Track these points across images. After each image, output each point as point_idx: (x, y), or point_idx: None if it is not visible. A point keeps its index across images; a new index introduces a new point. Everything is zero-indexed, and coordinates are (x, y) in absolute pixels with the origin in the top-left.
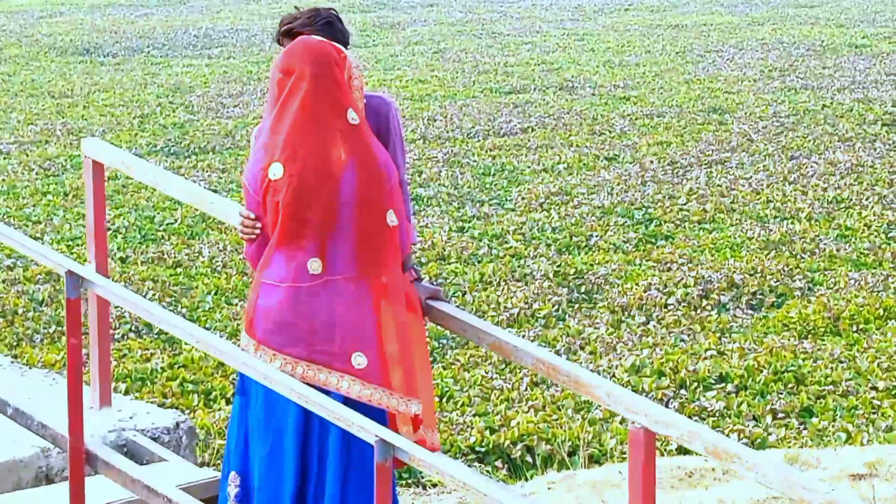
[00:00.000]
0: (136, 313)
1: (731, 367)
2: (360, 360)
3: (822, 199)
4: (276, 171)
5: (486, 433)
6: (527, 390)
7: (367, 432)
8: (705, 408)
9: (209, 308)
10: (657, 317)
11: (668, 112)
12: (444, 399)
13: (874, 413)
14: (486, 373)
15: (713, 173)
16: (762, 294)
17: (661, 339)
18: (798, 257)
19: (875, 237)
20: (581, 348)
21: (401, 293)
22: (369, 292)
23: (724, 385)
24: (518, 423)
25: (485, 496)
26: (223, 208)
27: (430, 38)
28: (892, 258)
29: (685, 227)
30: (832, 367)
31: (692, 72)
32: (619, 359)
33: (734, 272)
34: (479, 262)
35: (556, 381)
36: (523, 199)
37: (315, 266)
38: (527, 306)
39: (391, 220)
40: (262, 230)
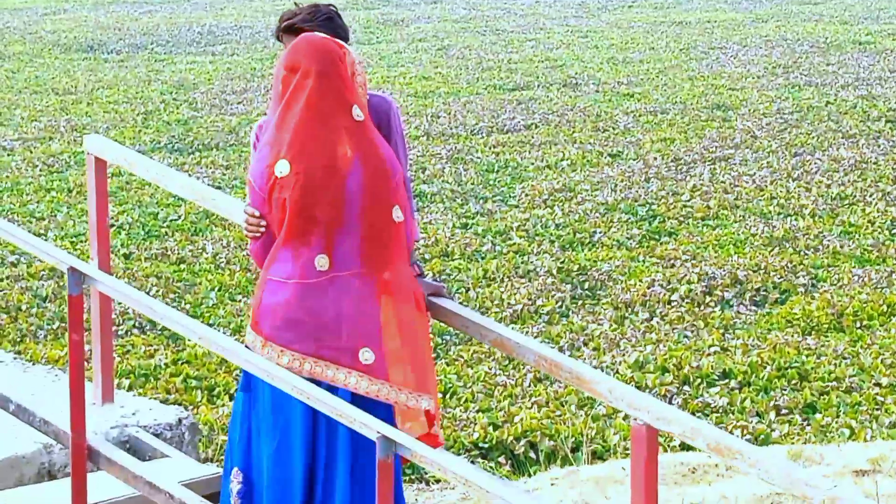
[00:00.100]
0: (139, 310)
1: (734, 363)
2: (367, 356)
3: (825, 196)
4: (282, 168)
5: (490, 429)
6: (530, 386)
7: (370, 429)
8: (709, 404)
9: (213, 304)
10: (661, 313)
11: (671, 109)
12: (448, 395)
13: (877, 409)
14: (490, 369)
15: (717, 170)
16: (766, 290)
17: (665, 335)
18: (801, 254)
19: (879, 234)
20: (584, 345)
21: (403, 289)
22: (374, 288)
23: (727, 381)
24: (521, 420)
25: (487, 492)
26: (225, 205)
27: (433, 35)
28: (895, 255)
29: (689, 224)
30: (836, 364)
31: (696, 68)
32: (623, 355)
33: (738, 268)
34: (482, 258)
35: (558, 378)
36: (527, 195)
37: (322, 263)
38: (530, 303)
39: (397, 216)
40: (267, 227)
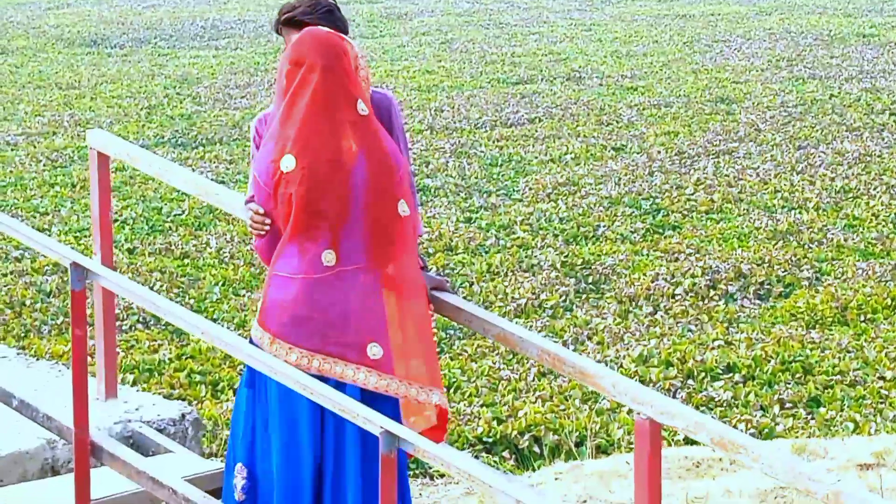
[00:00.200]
0: (141, 305)
1: (738, 357)
2: (375, 351)
3: (829, 189)
4: (288, 163)
5: (494, 424)
6: (534, 381)
7: (373, 424)
8: (713, 398)
9: (217, 299)
10: (665, 307)
11: (675, 102)
12: (452, 389)
13: (882, 403)
14: (494, 363)
15: (721, 163)
16: (770, 284)
17: (669, 329)
18: (806, 247)
19: (883, 227)
20: (588, 339)
21: (408, 284)
22: (379, 283)
23: (731, 375)
24: (525, 414)
25: (490, 487)
26: (228, 199)
27: (437, 29)
28: None
29: (693, 218)
30: (840, 357)
31: (700, 62)
32: (627, 349)
33: (742, 262)
34: (486, 252)
35: (561, 373)
36: (531, 189)
37: (329, 258)
38: (534, 297)
39: (402, 210)
40: (272, 223)
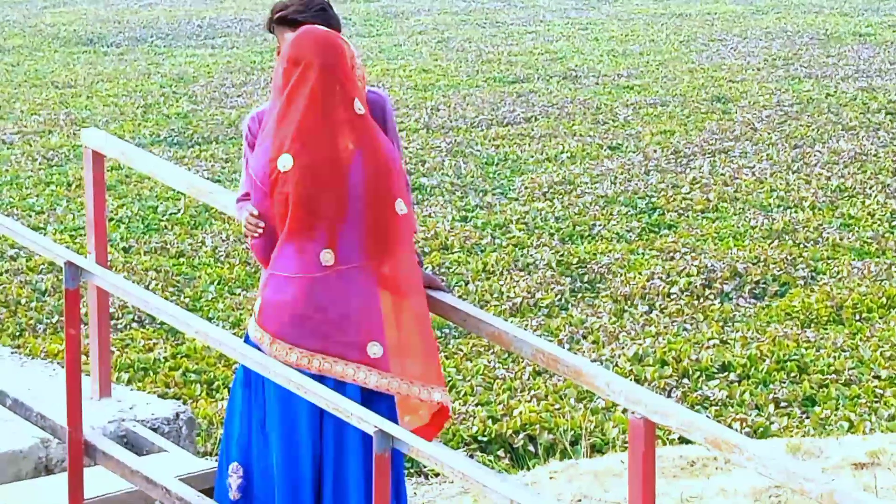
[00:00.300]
0: (135, 304)
1: (733, 356)
2: (375, 350)
3: (825, 188)
4: (285, 162)
5: (489, 422)
6: (529, 380)
7: (367, 423)
8: (708, 397)
9: (212, 298)
10: (660, 306)
11: (671, 101)
12: (447, 388)
13: (877, 402)
14: (489, 362)
15: (716, 162)
16: (765, 283)
17: (664, 328)
18: (801, 246)
19: (878, 226)
20: (584, 338)
21: (404, 283)
22: (375, 282)
23: (726, 374)
24: (520, 413)
25: (484, 487)
26: (222, 199)
27: (433, 28)
28: (895, 247)
29: (688, 217)
30: (835, 357)
31: (696, 61)
32: (622, 348)
33: (737, 261)
34: (482, 251)
35: (556, 372)
36: (526, 188)
37: (327, 257)
38: (530, 296)
39: (400, 209)
40: (268, 222)
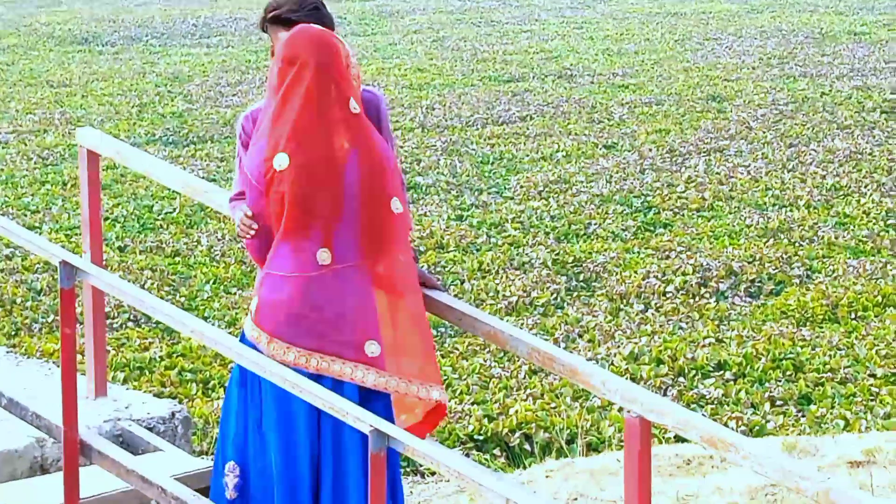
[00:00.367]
0: (131, 303)
1: (729, 354)
2: (373, 349)
3: (820, 187)
4: (281, 161)
5: (485, 421)
6: (525, 378)
7: (362, 422)
8: (703, 395)
9: (208, 297)
10: (655, 305)
11: (666, 100)
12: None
13: (872, 400)
14: (485, 361)
15: (712, 161)
16: (761, 282)
17: (660, 326)
18: (796, 245)
19: (873, 224)
20: (579, 336)
21: (399, 282)
22: (371, 281)
23: (722, 373)
24: (516, 412)
25: (480, 486)
26: (217, 198)
27: (428, 27)
28: (890, 245)
29: (684, 215)
30: (830, 355)
31: (691, 60)
32: (618, 347)
33: (733, 260)
34: (477, 250)
35: (551, 371)
36: (522, 187)
37: (324, 256)
38: (525, 294)
39: (395, 208)
40: (264, 221)
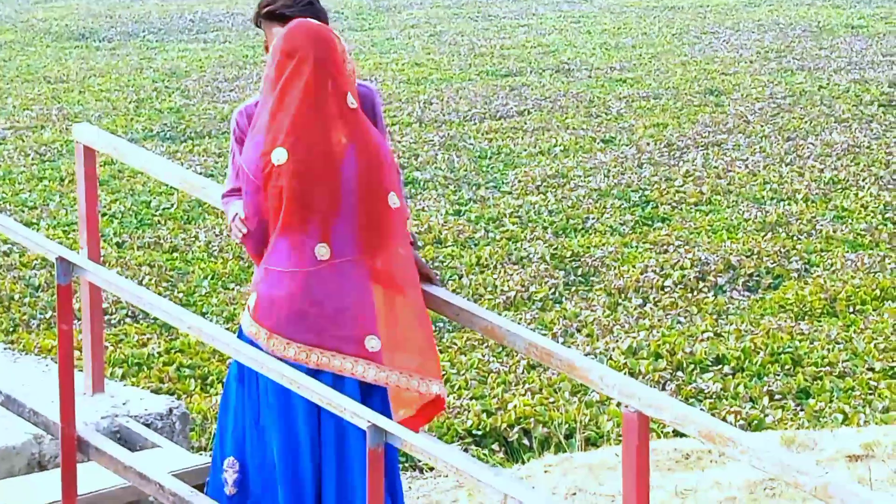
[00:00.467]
0: (128, 300)
1: (727, 348)
2: (373, 343)
3: (818, 181)
4: (279, 156)
5: (483, 416)
6: (523, 373)
7: (360, 418)
8: (702, 390)
9: (206, 293)
10: (654, 299)
11: (664, 94)
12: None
13: (871, 394)
14: (483, 356)
15: (710, 155)
16: (759, 276)
17: (658, 321)
18: (795, 239)
19: (871, 218)
20: (578, 331)
21: (397, 277)
22: (368, 275)
23: (720, 367)
24: (515, 407)
25: (478, 481)
26: (214, 193)
27: (426, 22)
28: (888, 239)
29: (682, 210)
30: (829, 349)
31: (688, 53)
32: (616, 341)
33: (731, 254)
34: (475, 245)
35: (549, 365)
36: (520, 182)
37: (322, 252)
38: (523, 289)
39: (393, 202)
40: (261, 216)
